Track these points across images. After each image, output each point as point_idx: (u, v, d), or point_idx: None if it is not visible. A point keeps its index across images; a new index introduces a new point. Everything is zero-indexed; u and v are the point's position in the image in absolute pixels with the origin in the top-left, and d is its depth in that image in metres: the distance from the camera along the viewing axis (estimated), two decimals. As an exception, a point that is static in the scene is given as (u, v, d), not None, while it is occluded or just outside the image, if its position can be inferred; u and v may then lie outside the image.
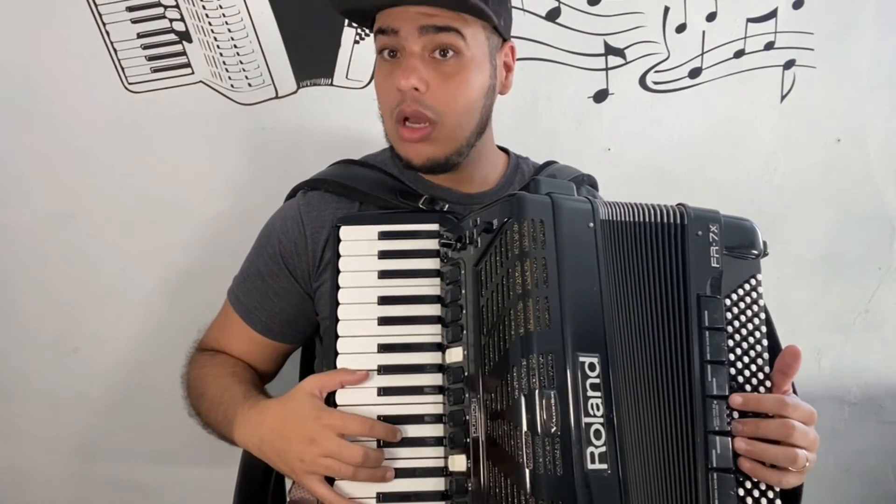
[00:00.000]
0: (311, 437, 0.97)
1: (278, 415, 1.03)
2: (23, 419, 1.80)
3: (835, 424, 2.00)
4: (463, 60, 1.11)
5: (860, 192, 1.90)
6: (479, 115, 1.17)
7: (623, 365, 0.95)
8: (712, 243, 1.03)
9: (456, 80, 1.11)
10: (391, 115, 1.15)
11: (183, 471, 1.86)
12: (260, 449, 1.05)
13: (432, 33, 1.09)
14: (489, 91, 1.18)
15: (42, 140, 1.62)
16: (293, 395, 1.03)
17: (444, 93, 1.11)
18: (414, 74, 1.09)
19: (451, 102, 1.12)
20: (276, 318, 1.25)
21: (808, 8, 1.74)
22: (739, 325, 1.01)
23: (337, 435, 0.97)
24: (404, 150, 1.17)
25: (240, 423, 1.09)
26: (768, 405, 0.97)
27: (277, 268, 1.24)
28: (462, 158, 1.19)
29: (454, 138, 1.16)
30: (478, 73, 1.13)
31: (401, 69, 1.10)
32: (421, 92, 1.10)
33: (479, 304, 0.99)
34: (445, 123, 1.13)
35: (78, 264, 1.70)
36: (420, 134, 1.13)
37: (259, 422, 1.06)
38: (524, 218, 0.95)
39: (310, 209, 1.23)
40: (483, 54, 1.14)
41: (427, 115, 1.12)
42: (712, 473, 0.94)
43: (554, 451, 0.87)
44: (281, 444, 1.01)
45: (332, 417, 0.98)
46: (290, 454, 0.99)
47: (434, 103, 1.11)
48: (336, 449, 0.96)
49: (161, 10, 1.57)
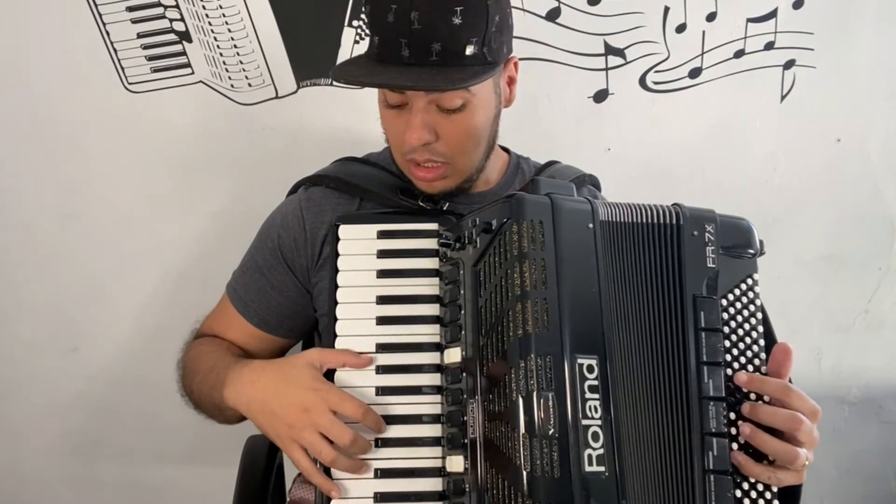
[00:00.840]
0: (306, 405, 0.97)
1: (274, 378, 1.03)
2: (23, 419, 1.80)
3: (835, 424, 2.00)
4: (470, 107, 1.10)
5: (860, 192, 1.90)
6: (487, 142, 1.18)
7: (621, 367, 0.95)
8: (708, 243, 1.03)
9: (464, 126, 1.11)
10: (401, 155, 1.16)
11: (183, 471, 1.87)
12: (248, 408, 1.05)
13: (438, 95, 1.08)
14: (496, 117, 1.18)
15: (42, 140, 1.62)
16: (293, 362, 1.03)
17: (454, 139, 1.11)
18: (423, 131, 1.08)
19: (462, 144, 1.12)
20: (273, 311, 1.25)
21: (808, 8, 1.73)
22: (736, 326, 1.01)
23: (330, 411, 0.97)
24: (417, 184, 1.18)
25: (231, 380, 1.08)
26: (771, 388, 0.96)
27: (276, 262, 1.24)
28: (473, 183, 1.21)
29: (467, 170, 1.18)
30: (485, 110, 1.13)
31: (409, 127, 1.09)
32: (431, 142, 1.10)
33: (478, 305, 0.99)
34: (458, 162, 1.15)
35: (78, 264, 1.71)
36: (434, 174, 1.14)
37: (253, 381, 1.06)
38: (523, 219, 0.95)
39: (310, 204, 1.24)
40: (489, 91, 1.13)
41: (439, 160, 1.13)
42: (709, 475, 0.94)
43: (551, 453, 0.86)
44: (272, 405, 1.01)
45: (330, 392, 0.98)
46: (279, 418, 0.99)
47: (444, 150, 1.12)
48: (327, 424, 0.96)
49: (161, 10, 1.57)
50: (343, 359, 1.02)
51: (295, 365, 1.02)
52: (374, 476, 0.99)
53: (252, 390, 1.05)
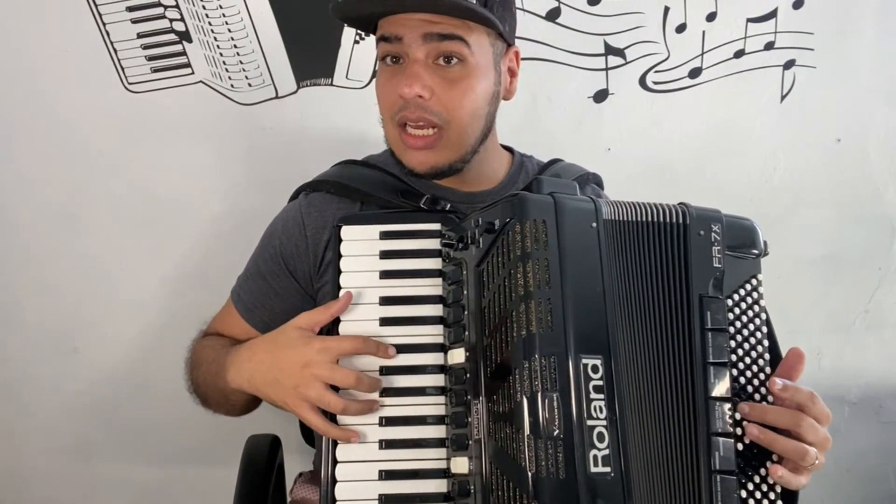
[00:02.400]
0: (304, 361, 0.98)
1: (268, 347, 1.05)
2: (23, 419, 1.80)
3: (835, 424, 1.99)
4: (467, 67, 1.10)
5: (860, 192, 1.90)
6: (483, 121, 1.16)
7: (626, 367, 0.94)
8: (714, 243, 1.02)
9: (461, 87, 1.10)
10: (392, 120, 1.14)
11: (183, 471, 1.86)
12: (251, 384, 1.06)
13: (436, 41, 1.08)
14: (494, 97, 1.17)
15: (42, 140, 1.62)
16: (282, 329, 1.04)
17: (449, 98, 1.10)
18: (418, 81, 1.08)
19: (457, 108, 1.11)
20: (277, 318, 1.25)
21: (808, 8, 1.74)
22: (741, 326, 1.01)
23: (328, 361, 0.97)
24: (406, 158, 1.16)
25: (230, 362, 1.10)
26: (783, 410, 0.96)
27: (278, 268, 1.24)
28: (465, 165, 1.19)
29: (459, 145, 1.15)
30: (482, 80, 1.12)
31: (404, 76, 1.09)
32: (425, 99, 1.09)
33: (482, 305, 0.98)
34: (451, 129, 1.12)
35: (78, 264, 1.70)
36: (425, 141, 1.13)
37: (248, 357, 1.07)
38: (526, 218, 0.95)
39: (311, 210, 1.23)
40: (488, 61, 1.12)
41: (433, 121, 1.11)
42: (715, 476, 0.93)
43: (556, 454, 0.86)
44: (273, 374, 1.02)
45: (325, 341, 0.99)
46: (281, 383, 1.00)
47: (439, 109, 1.10)
48: (328, 373, 0.97)
49: (161, 10, 1.56)
50: (330, 312, 1.02)
51: (284, 331, 1.04)
52: (379, 478, 0.98)
53: (250, 365, 1.06)
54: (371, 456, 1.00)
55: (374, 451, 1.00)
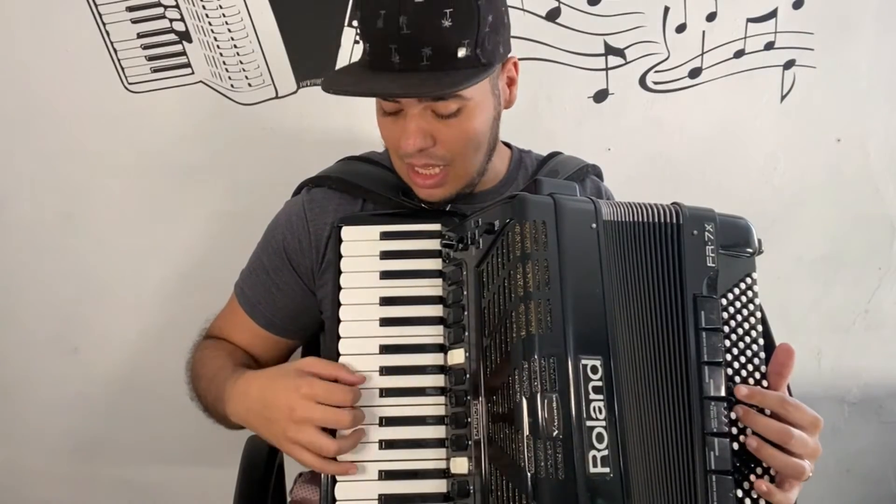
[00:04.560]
0: (291, 405, 0.97)
1: (263, 384, 1.04)
2: (23, 419, 1.80)
3: (835, 424, 2.01)
4: (467, 109, 1.07)
5: (860, 192, 1.90)
6: (487, 145, 1.16)
7: (624, 367, 0.95)
8: (708, 242, 1.02)
9: (462, 129, 1.08)
10: (399, 158, 1.14)
11: (183, 471, 1.87)
12: (247, 420, 1.06)
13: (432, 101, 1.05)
14: (495, 119, 1.16)
15: (42, 140, 1.62)
16: (283, 369, 1.03)
17: (452, 141, 1.09)
18: (419, 137, 1.06)
19: (460, 147, 1.10)
20: (280, 313, 1.26)
21: (808, 8, 1.73)
22: (735, 325, 1.01)
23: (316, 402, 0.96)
24: (417, 191, 1.16)
25: (229, 396, 1.09)
26: (770, 401, 0.96)
27: (281, 263, 1.24)
28: (475, 186, 1.20)
29: (467, 174, 1.15)
30: (482, 114, 1.10)
31: (404, 133, 1.07)
32: (427, 148, 1.08)
33: (481, 306, 0.99)
34: (457, 164, 1.12)
35: (78, 264, 1.70)
36: (434, 179, 1.12)
37: (244, 392, 1.06)
38: (526, 219, 0.95)
39: (313, 206, 1.23)
40: (485, 93, 1.10)
41: (438, 162, 1.11)
42: (711, 475, 0.94)
43: (556, 454, 0.86)
44: (265, 414, 1.01)
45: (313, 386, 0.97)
46: (274, 424, 0.99)
47: (443, 152, 1.09)
48: (319, 417, 0.96)
49: (161, 10, 1.56)
50: (336, 374, 1.00)
51: (283, 371, 1.03)
52: (379, 478, 0.99)
53: (246, 402, 1.05)
54: (371, 456, 1.00)
55: (373, 452, 1.00)
